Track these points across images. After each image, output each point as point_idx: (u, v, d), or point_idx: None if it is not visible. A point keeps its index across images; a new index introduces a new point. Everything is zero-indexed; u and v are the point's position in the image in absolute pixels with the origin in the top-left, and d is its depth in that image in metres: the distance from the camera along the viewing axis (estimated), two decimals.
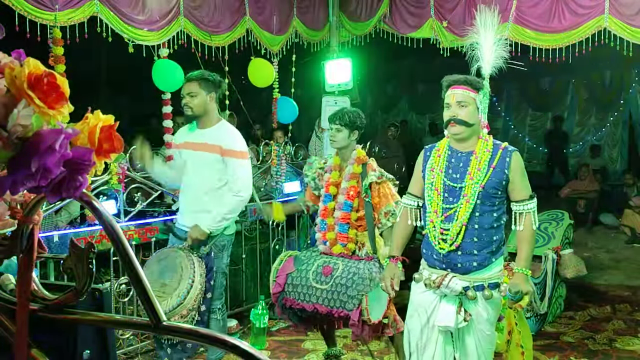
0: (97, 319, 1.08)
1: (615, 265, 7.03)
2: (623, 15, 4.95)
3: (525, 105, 11.98)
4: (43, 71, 0.84)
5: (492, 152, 2.78)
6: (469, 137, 2.80)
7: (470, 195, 2.73)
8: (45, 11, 3.89)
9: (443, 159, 2.85)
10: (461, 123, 2.76)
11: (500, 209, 2.80)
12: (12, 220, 1.01)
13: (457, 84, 2.81)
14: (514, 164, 2.77)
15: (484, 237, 2.77)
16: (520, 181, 2.79)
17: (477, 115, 2.78)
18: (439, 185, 2.81)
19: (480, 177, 2.73)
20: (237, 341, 0.94)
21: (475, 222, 2.76)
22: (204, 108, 3.62)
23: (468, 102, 2.76)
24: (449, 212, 2.78)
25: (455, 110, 2.77)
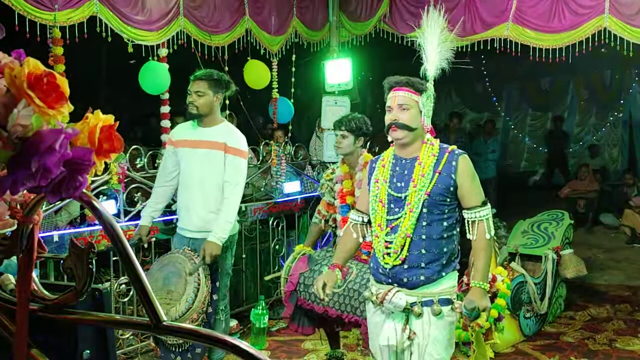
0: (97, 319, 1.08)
1: (615, 265, 7.03)
2: (623, 15, 4.95)
3: (525, 105, 11.98)
4: (43, 71, 0.84)
5: (437, 156, 2.60)
6: (412, 142, 2.63)
7: (414, 203, 2.55)
8: (45, 11, 3.89)
9: (387, 169, 2.68)
10: (403, 127, 2.59)
11: (451, 217, 2.62)
12: (12, 220, 1.00)
13: (398, 85, 2.66)
14: (461, 168, 2.58)
15: (432, 249, 2.58)
16: (470, 186, 2.60)
17: (420, 119, 2.62)
18: (383, 197, 2.64)
19: (425, 184, 2.56)
20: (237, 341, 0.94)
21: (422, 233, 2.57)
22: (210, 108, 3.59)
23: (410, 105, 2.61)
24: (393, 224, 2.60)
25: (396, 113, 2.61)
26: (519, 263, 5.03)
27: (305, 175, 6.02)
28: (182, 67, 4.39)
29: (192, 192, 3.63)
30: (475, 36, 5.65)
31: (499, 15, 5.52)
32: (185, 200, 3.68)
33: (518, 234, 5.58)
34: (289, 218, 5.57)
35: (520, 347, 4.59)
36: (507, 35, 5.47)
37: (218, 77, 3.61)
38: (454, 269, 2.67)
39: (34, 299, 1.03)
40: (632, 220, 7.94)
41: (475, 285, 2.60)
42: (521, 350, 4.53)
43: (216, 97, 3.60)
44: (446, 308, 2.59)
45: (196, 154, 3.61)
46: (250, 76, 5.39)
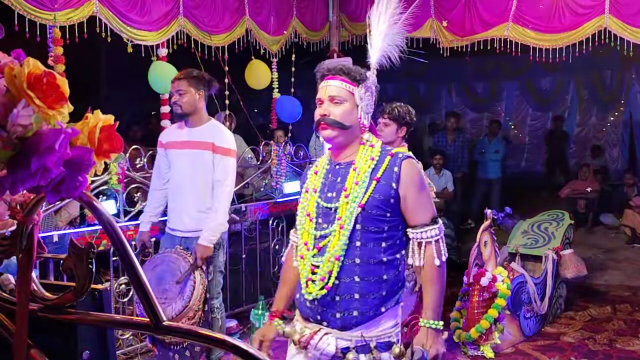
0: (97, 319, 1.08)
1: (615, 265, 7.03)
2: (623, 15, 4.95)
3: (525, 105, 11.98)
4: (43, 71, 0.84)
5: (377, 160, 2.11)
6: (347, 143, 2.16)
7: (345, 218, 2.05)
8: (45, 11, 3.89)
9: (320, 176, 2.20)
10: (333, 124, 2.10)
11: (393, 236, 2.11)
12: (12, 220, 1.00)
13: (331, 73, 2.16)
14: (404, 176, 2.08)
15: (369, 277, 2.05)
16: (415, 199, 2.09)
17: (356, 115, 2.13)
18: (311, 209, 2.15)
19: (359, 194, 2.06)
20: (237, 341, 0.94)
21: (356, 256, 2.05)
22: (194, 106, 3.59)
23: (344, 98, 2.12)
24: (321, 243, 2.09)
25: (327, 107, 2.13)
26: (519, 263, 5.03)
27: None
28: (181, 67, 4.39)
29: (182, 193, 3.63)
30: (475, 36, 5.65)
31: (499, 15, 5.52)
32: (176, 202, 3.68)
33: (518, 234, 5.58)
34: (289, 218, 5.57)
35: (520, 347, 4.59)
36: (507, 35, 5.47)
37: (197, 75, 3.63)
38: (397, 303, 2.13)
39: (34, 299, 1.03)
40: (632, 220, 7.94)
41: (424, 324, 2.11)
42: (521, 350, 4.53)
43: (198, 94, 3.59)
44: (386, 355, 2.06)
45: (185, 155, 3.62)
46: (251, 77, 5.39)
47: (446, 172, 8.04)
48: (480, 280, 4.34)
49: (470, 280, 4.40)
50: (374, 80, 2.22)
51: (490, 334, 4.34)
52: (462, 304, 4.55)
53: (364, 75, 2.18)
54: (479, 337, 4.31)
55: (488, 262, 4.52)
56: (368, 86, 2.17)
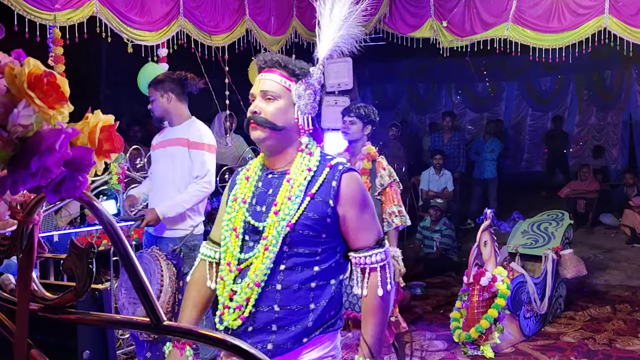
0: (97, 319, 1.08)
1: (615, 265, 7.03)
2: (623, 15, 4.96)
3: (525, 105, 11.98)
4: (43, 71, 0.84)
5: (314, 172, 1.82)
6: (282, 148, 1.85)
7: (271, 239, 1.77)
8: (45, 11, 3.89)
9: (251, 184, 1.90)
10: (264, 124, 1.80)
11: (328, 260, 1.82)
12: (12, 220, 1.00)
13: (267, 66, 1.88)
14: (344, 191, 1.80)
15: (291, 305, 1.77)
16: (357, 219, 1.81)
17: (292, 116, 1.84)
18: (238, 224, 1.85)
19: (290, 211, 1.77)
20: (237, 341, 0.94)
21: (278, 281, 1.78)
22: (164, 109, 3.60)
23: (279, 94, 1.83)
24: (244, 265, 1.81)
25: (258, 104, 1.83)
26: (519, 263, 5.04)
27: None
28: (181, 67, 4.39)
29: (161, 191, 3.63)
30: (475, 36, 5.65)
31: (499, 15, 5.52)
32: (153, 200, 3.68)
33: (518, 234, 5.58)
34: None
35: (520, 347, 4.59)
36: (507, 35, 5.48)
37: (162, 79, 3.63)
38: (327, 330, 1.83)
39: (34, 299, 1.03)
40: (632, 220, 7.94)
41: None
42: (521, 350, 4.53)
43: (167, 98, 3.59)
44: None
45: (162, 153, 3.65)
46: (254, 76, 5.40)
47: (446, 172, 8.04)
48: (480, 280, 4.34)
49: (470, 280, 4.41)
50: (318, 77, 1.88)
51: (490, 333, 4.35)
52: (462, 304, 4.56)
53: (305, 70, 1.87)
54: (479, 336, 4.31)
55: (488, 262, 4.52)
56: (310, 83, 1.86)
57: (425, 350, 4.48)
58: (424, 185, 8.10)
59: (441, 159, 8.01)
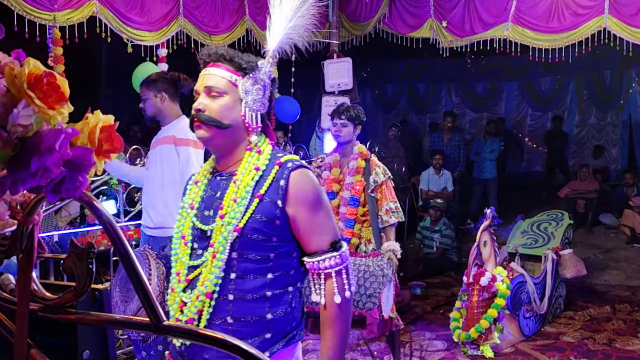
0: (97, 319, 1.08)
1: (615, 265, 7.03)
2: (623, 15, 4.96)
3: (525, 105, 11.99)
4: (43, 71, 0.84)
5: (262, 171, 1.70)
6: (229, 148, 1.74)
7: (218, 245, 1.65)
8: (45, 11, 3.89)
9: (200, 188, 1.79)
10: (208, 122, 1.69)
11: (284, 266, 1.70)
12: (12, 220, 1.01)
13: (212, 60, 1.76)
14: (293, 191, 1.67)
15: (246, 317, 1.64)
16: (308, 220, 1.68)
17: (239, 112, 1.72)
18: (186, 230, 1.75)
19: (237, 214, 1.66)
20: (237, 341, 0.95)
21: (229, 291, 1.65)
22: (156, 109, 3.62)
23: (225, 90, 1.71)
24: (192, 274, 1.69)
25: (202, 100, 1.72)
26: (518, 263, 5.04)
27: None
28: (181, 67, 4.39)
29: (151, 190, 3.65)
30: (475, 36, 5.66)
31: (499, 15, 5.52)
32: (146, 199, 3.71)
33: (518, 234, 5.59)
34: None
35: (519, 346, 4.59)
36: (507, 36, 5.48)
37: (155, 79, 3.64)
38: (289, 343, 1.70)
39: (34, 299, 1.03)
40: (631, 220, 7.94)
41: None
42: (521, 350, 4.53)
43: (160, 98, 3.60)
44: None
45: (154, 153, 3.66)
46: None
47: (446, 172, 8.04)
48: (480, 280, 4.34)
49: (470, 280, 4.41)
50: (268, 71, 1.77)
51: (490, 333, 4.35)
52: (462, 304, 4.56)
53: (253, 64, 1.75)
54: (478, 336, 4.31)
55: (487, 262, 4.52)
56: (258, 78, 1.74)
57: (425, 350, 4.48)
58: (424, 185, 8.10)
59: (441, 159, 8.02)
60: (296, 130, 7.19)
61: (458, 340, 4.46)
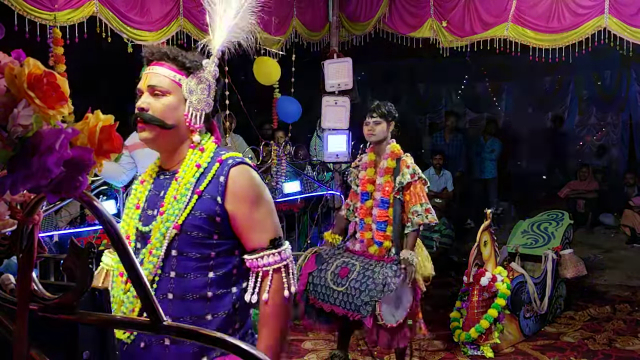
0: (97, 319, 1.08)
1: (615, 265, 7.03)
2: (623, 15, 4.96)
3: (525, 105, 11.98)
4: (43, 71, 0.84)
5: (204, 169, 1.69)
6: (173, 148, 1.74)
7: (155, 242, 1.65)
8: (45, 11, 3.89)
9: (145, 187, 1.79)
10: (151, 121, 1.68)
11: (226, 264, 1.67)
12: (12, 220, 1.01)
13: (155, 58, 1.75)
14: (232, 187, 1.65)
15: (184, 317, 1.61)
16: (247, 216, 1.66)
17: (183, 112, 1.71)
18: (131, 230, 1.73)
19: (176, 211, 1.65)
20: (237, 341, 0.94)
21: (168, 290, 1.63)
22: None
23: (168, 89, 1.70)
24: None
25: (145, 99, 1.71)
26: (519, 263, 5.04)
27: (305, 175, 6.02)
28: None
29: None
30: (475, 36, 5.66)
31: (499, 15, 5.52)
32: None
33: (518, 234, 5.58)
34: (289, 218, 5.57)
35: (520, 347, 4.59)
36: (507, 35, 5.48)
37: None
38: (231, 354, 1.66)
39: (34, 299, 1.03)
40: (631, 220, 7.94)
41: None
42: (521, 350, 4.53)
43: None
44: None
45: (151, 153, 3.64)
46: (260, 72, 5.38)
47: (446, 172, 8.04)
48: (480, 280, 4.34)
49: (470, 280, 4.40)
50: (212, 71, 1.77)
51: (490, 333, 4.35)
52: (462, 304, 4.56)
53: (197, 63, 1.76)
54: (478, 337, 4.31)
55: (488, 262, 4.52)
56: (202, 77, 1.75)
57: (425, 350, 4.48)
58: None
59: (441, 159, 8.01)
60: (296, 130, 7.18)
61: (458, 340, 4.46)
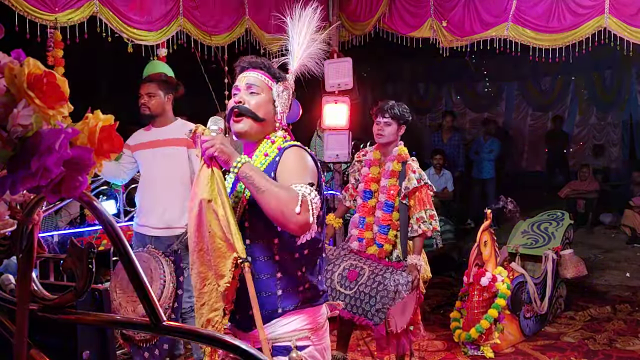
0: (97, 319, 1.08)
1: (615, 265, 7.03)
2: (623, 15, 4.95)
3: (525, 105, 11.99)
4: (43, 71, 0.84)
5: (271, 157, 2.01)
6: (257, 140, 2.05)
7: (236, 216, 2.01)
8: (46, 12, 3.89)
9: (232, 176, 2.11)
10: (247, 113, 1.99)
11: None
12: (12, 220, 1.00)
13: (252, 66, 2.07)
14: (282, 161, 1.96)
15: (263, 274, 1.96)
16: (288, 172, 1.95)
17: (272, 110, 2.04)
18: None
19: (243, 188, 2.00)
20: (237, 341, 0.94)
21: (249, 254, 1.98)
22: (162, 108, 3.68)
23: (262, 89, 2.03)
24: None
25: (242, 95, 2.02)
26: (519, 263, 5.03)
27: None
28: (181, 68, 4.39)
29: (155, 192, 3.68)
30: (475, 36, 5.65)
31: (499, 15, 5.52)
32: (148, 200, 3.71)
33: (518, 234, 5.58)
34: None
35: (520, 347, 4.59)
36: (507, 35, 5.47)
37: (167, 78, 3.69)
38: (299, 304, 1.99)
39: (34, 299, 1.03)
40: (632, 220, 7.94)
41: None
42: (521, 350, 4.53)
43: (167, 98, 3.69)
44: None
45: (157, 154, 3.67)
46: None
47: (446, 172, 8.04)
48: (480, 280, 4.34)
49: (470, 280, 4.40)
50: (292, 84, 2.15)
51: (490, 334, 4.34)
52: (462, 304, 4.56)
53: (283, 74, 2.12)
54: (478, 337, 4.31)
55: (488, 262, 4.52)
56: (287, 86, 2.10)
57: (425, 350, 4.48)
58: None
59: (441, 159, 8.01)
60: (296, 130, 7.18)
61: (458, 341, 4.46)
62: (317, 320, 1.96)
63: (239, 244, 1.81)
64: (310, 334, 1.93)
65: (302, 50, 2.20)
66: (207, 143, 1.86)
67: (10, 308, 1.03)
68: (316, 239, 1.94)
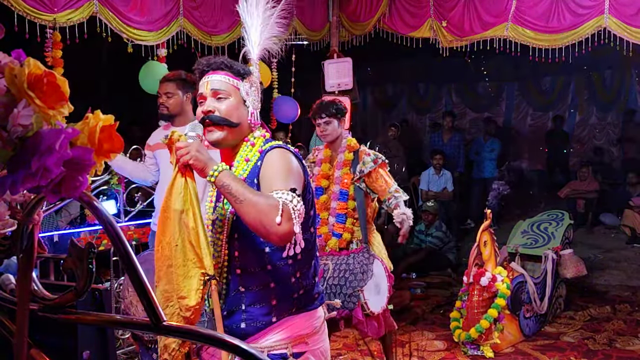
0: (97, 319, 1.08)
1: (615, 265, 7.03)
2: (623, 15, 4.96)
3: (525, 105, 11.99)
4: (43, 71, 0.84)
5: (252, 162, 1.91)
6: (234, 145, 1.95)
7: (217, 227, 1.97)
8: (45, 12, 3.89)
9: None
10: (220, 122, 1.88)
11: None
12: (12, 220, 1.01)
13: (212, 68, 1.94)
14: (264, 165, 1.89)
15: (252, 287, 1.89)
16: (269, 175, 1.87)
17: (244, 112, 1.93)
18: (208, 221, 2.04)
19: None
20: (237, 341, 0.95)
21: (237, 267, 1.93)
22: (180, 107, 3.64)
23: (229, 92, 1.91)
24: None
25: (210, 103, 1.89)
26: (518, 263, 5.04)
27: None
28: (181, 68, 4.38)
29: None
30: (475, 36, 5.65)
31: (499, 15, 5.52)
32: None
33: (518, 234, 5.58)
34: None
35: (520, 347, 4.59)
36: (507, 35, 5.48)
37: (186, 77, 3.65)
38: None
39: (34, 299, 1.03)
40: (632, 220, 7.93)
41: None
42: (521, 350, 4.53)
43: (185, 97, 3.64)
44: None
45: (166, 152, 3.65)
46: (263, 72, 5.39)
47: (446, 172, 8.03)
48: (480, 280, 4.34)
49: (470, 280, 4.41)
50: (257, 75, 2.02)
51: (490, 333, 4.35)
52: (462, 304, 4.56)
53: (247, 69, 1.99)
54: (478, 336, 4.31)
55: (488, 262, 4.52)
56: (253, 81, 1.98)
57: (425, 350, 4.48)
58: (424, 186, 8.09)
59: (441, 159, 8.01)
60: (296, 130, 7.18)
61: (458, 340, 4.46)
62: (313, 325, 1.91)
63: (207, 260, 1.72)
64: (307, 339, 1.88)
65: (259, 34, 2.04)
66: (182, 150, 1.75)
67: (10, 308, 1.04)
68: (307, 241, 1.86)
